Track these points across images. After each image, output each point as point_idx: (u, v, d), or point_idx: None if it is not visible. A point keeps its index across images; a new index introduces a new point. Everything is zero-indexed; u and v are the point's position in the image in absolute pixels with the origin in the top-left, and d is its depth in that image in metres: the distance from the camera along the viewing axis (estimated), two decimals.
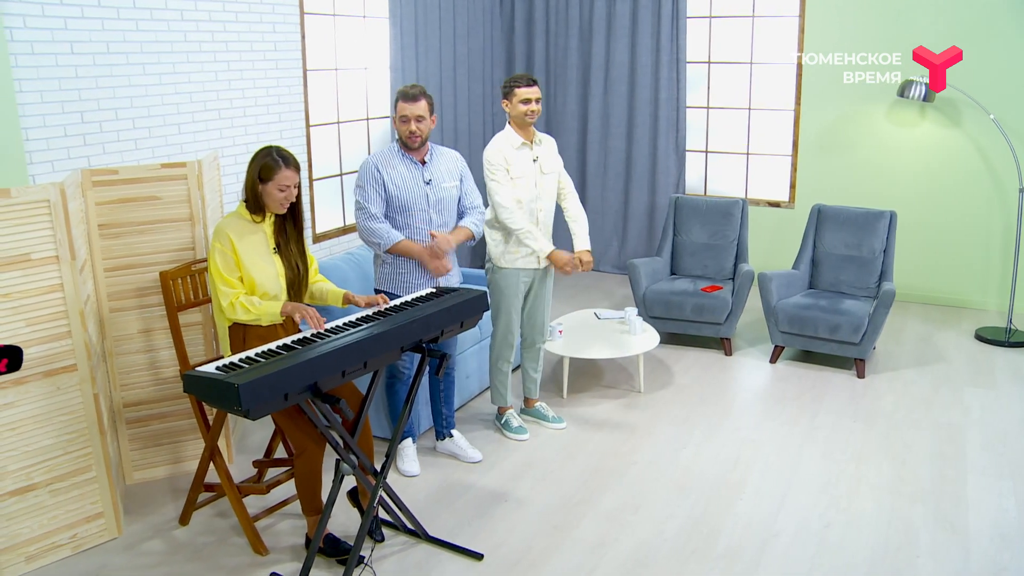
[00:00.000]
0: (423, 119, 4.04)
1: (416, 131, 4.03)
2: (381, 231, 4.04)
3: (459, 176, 4.27)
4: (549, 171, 4.59)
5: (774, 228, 7.61)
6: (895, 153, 7.11)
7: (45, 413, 3.52)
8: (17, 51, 4.15)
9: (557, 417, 4.93)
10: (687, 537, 3.80)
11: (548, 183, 4.60)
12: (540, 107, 4.46)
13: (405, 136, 4.06)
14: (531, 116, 4.43)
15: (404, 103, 4.03)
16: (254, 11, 5.48)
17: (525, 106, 4.41)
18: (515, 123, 4.49)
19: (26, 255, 3.40)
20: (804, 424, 4.93)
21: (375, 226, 4.05)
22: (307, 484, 3.47)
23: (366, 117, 6.81)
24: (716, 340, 6.24)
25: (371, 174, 4.07)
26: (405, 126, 4.04)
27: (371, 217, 4.05)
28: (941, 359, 5.94)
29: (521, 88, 4.41)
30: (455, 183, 4.24)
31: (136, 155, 4.78)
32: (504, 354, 4.75)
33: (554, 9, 8.11)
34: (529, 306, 4.75)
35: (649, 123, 7.92)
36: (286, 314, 3.36)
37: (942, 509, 4.01)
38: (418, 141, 4.06)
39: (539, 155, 4.54)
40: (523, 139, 4.49)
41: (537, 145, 4.54)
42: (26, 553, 3.55)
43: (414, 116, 4.02)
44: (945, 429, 4.85)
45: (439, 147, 4.27)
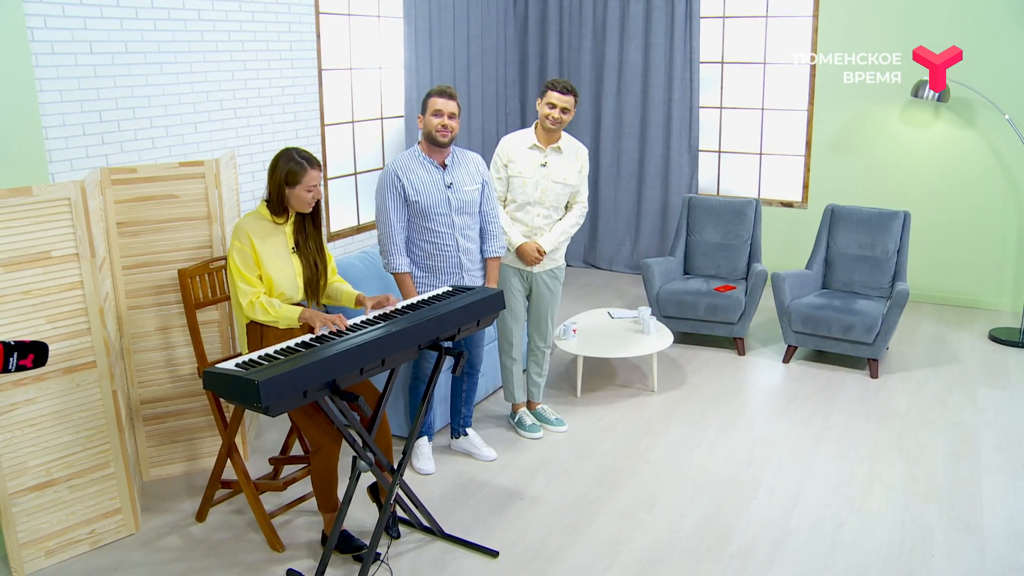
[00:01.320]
0: (455, 116, 4.05)
1: (448, 126, 4.02)
2: (392, 252, 4.09)
3: (481, 179, 4.26)
4: (560, 181, 4.53)
5: (787, 228, 7.60)
6: (909, 153, 7.10)
7: (65, 409, 3.56)
8: (38, 51, 4.19)
9: (559, 420, 4.91)
10: (701, 536, 3.81)
11: (555, 191, 4.53)
12: (566, 116, 4.41)
13: (436, 129, 4.02)
14: (551, 122, 4.41)
15: (439, 98, 4.02)
16: (270, 11, 5.52)
17: (550, 110, 4.40)
18: (540, 124, 4.50)
19: (47, 252, 3.43)
20: (817, 424, 4.93)
21: (389, 245, 4.09)
22: (323, 481, 3.49)
23: (380, 116, 6.84)
24: (729, 340, 6.25)
25: (391, 181, 4.06)
26: (438, 119, 4.02)
27: (388, 231, 4.08)
28: (955, 359, 5.93)
29: (552, 92, 4.40)
30: (476, 186, 4.23)
31: (153, 154, 4.82)
32: (506, 350, 4.78)
33: (568, 9, 8.12)
34: (532, 308, 4.77)
35: (662, 123, 7.92)
36: (304, 320, 3.36)
37: (956, 509, 4.01)
38: (448, 136, 4.04)
39: (550, 161, 4.51)
40: (538, 141, 4.49)
41: (555, 152, 4.51)
42: (46, 548, 3.58)
43: (448, 111, 4.02)
44: (959, 429, 4.85)
45: (460, 150, 4.28)
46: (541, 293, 4.71)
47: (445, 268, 4.17)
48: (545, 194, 4.52)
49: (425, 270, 4.18)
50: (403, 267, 4.10)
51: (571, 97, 4.40)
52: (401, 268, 4.10)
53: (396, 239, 4.09)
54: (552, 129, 4.45)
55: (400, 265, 4.10)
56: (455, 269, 4.18)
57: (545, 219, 4.57)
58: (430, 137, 4.08)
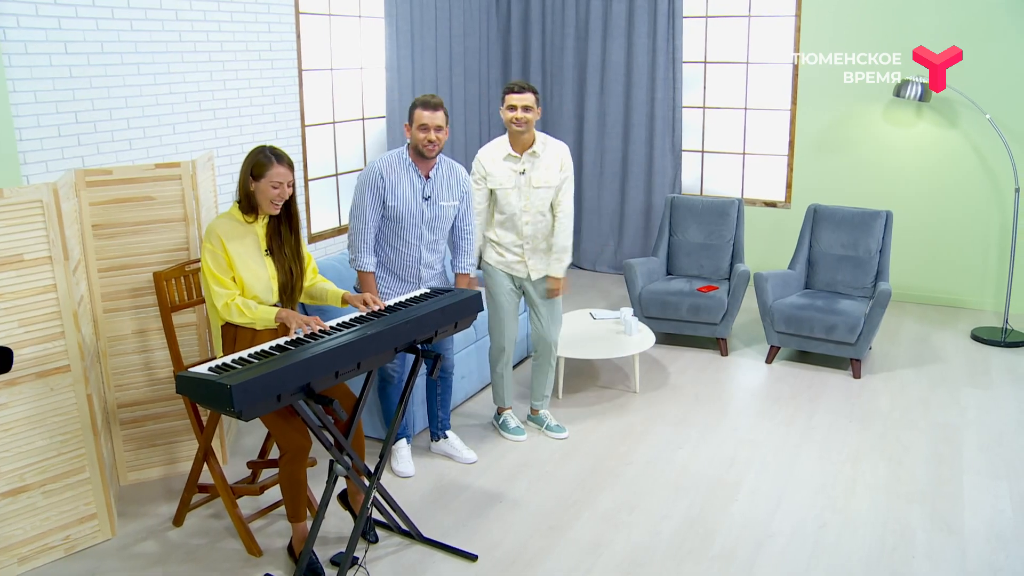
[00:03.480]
0: (441, 129, 4.00)
1: (435, 140, 3.98)
2: (362, 250, 4.07)
3: (460, 195, 4.22)
4: (541, 185, 4.45)
5: (770, 228, 7.60)
6: (892, 153, 7.11)
7: (38, 414, 3.51)
8: (11, 51, 4.13)
9: (559, 427, 4.84)
10: (683, 537, 3.80)
11: (539, 197, 4.46)
12: (530, 115, 4.29)
13: (423, 145, 3.98)
14: (517, 124, 4.30)
15: (424, 111, 3.96)
16: (249, 11, 5.47)
17: (511, 113, 4.30)
18: (508, 131, 4.42)
19: (19, 255, 3.38)
20: (800, 424, 4.93)
21: (359, 242, 4.07)
22: (292, 488, 3.43)
23: (362, 117, 6.80)
24: (712, 340, 6.24)
25: (375, 180, 4.03)
26: (424, 134, 3.97)
27: (361, 228, 4.06)
28: (937, 359, 5.94)
29: (510, 95, 4.30)
30: (454, 202, 4.20)
31: (131, 155, 4.76)
32: (493, 353, 4.74)
33: (550, 9, 8.11)
34: (532, 315, 4.73)
35: (645, 123, 7.91)
36: (281, 321, 3.33)
37: (938, 510, 4.01)
38: (435, 151, 4.01)
39: (528, 168, 4.41)
40: (511, 150, 4.40)
41: (530, 156, 4.41)
42: (19, 554, 3.53)
43: (434, 125, 3.96)
44: (941, 429, 4.85)
45: (449, 162, 4.22)
46: (541, 300, 4.64)
47: (404, 275, 4.19)
48: (529, 201, 4.45)
49: (384, 271, 4.18)
50: (369, 266, 4.09)
51: (529, 94, 4.29)
52: (367, 267, 4.09)
53: (367, 237, 4.07)
54: (520, 131, 4.34)
55: (367, 264, 4.08)
56: (413, 278, 4.20)
57: (533, 227, 4.48)
58: (417, 150, 4.05)
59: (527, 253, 4.52)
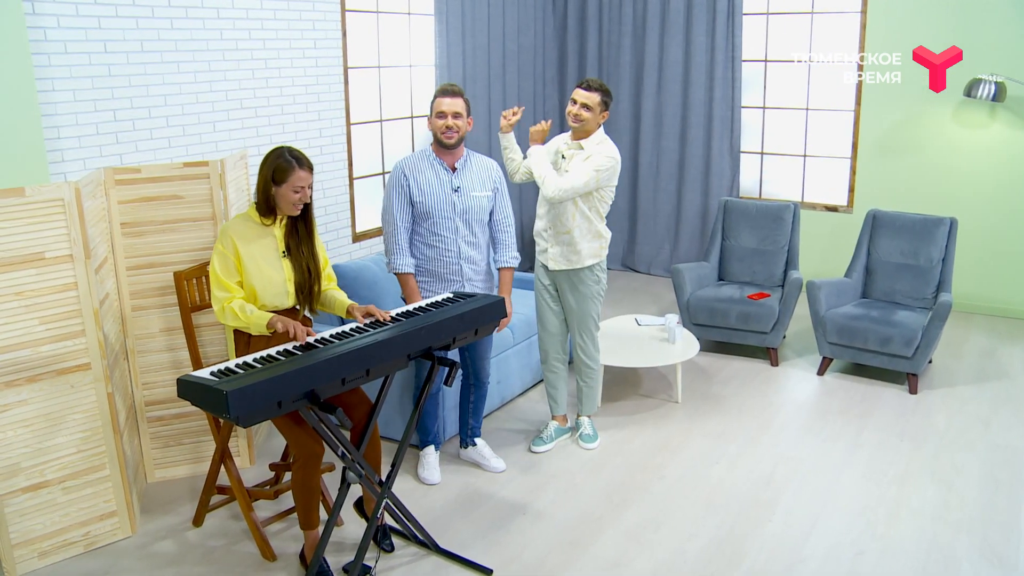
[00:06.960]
0: (460, 116, 3.92)
1: (453, 126, 3.90)
2: (395, 252, 3.99)
3: (492, 187, 4.12)
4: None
5: (830, 234, 7.30)
6: (962, 156, 6.75)
7: (58, 411, 3.53)
8: (51, 50, 4.18)
9: (590, 436, 4.68)
10: (708, 558, 3.63)
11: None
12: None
13: (440, 131, 3.92)
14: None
15: (442, 98, 3.92)
16: (293, 8, 5.46)
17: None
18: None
19: (40, 254, 3.40)
20: (847, 441, 4.69)
21: (392, 245, 4.01)
22: (304, 495, 3.37)
23: (411, 115, 6.75)
24: (762, 349, 6.00)
25: (398, 179, 3.99)
26: (442, 121, 3.91)
27: (392, 230, 4.00)
28: (1003, 375, 5.60)
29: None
30: (487, 193, 4.09)
31: (170, 153, 4.79)
32: (542, 359, 4.68)
33: (607, 6, 7.94)
34: (565, 313, 4.61)
35: (703, 123, 7.69)
36: (272, 327, 3.25)
37: (989, 540, 3.75)
38: (454, 138, 3.93)
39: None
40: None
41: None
42: (39, 549, 3.56)
43: (451, 111, 3.90)
44: (1001, 452, 4.56)
45: (476, 155, 4.14)
46: (565, 298, 4.53)
47: (446, 274, 4.05)
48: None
49: (426, 274, 4.07)
50: (405, 267, 4.00)
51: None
52: (403, 268, 4.00)
53: (399, 239, 3.99)
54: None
55: (402, 265, 3.99)
56: (456, 276, 4.06)
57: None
58: (437, 139, 3.97)
59: (550, 240, 4.43)
